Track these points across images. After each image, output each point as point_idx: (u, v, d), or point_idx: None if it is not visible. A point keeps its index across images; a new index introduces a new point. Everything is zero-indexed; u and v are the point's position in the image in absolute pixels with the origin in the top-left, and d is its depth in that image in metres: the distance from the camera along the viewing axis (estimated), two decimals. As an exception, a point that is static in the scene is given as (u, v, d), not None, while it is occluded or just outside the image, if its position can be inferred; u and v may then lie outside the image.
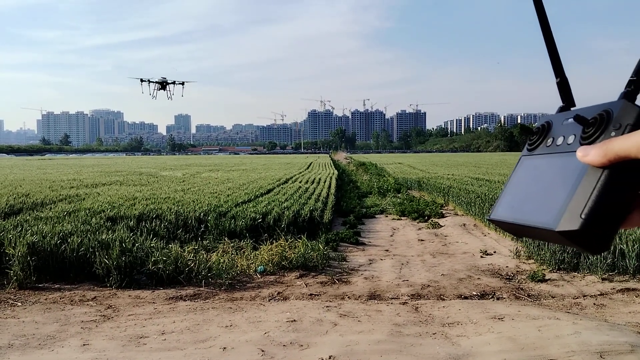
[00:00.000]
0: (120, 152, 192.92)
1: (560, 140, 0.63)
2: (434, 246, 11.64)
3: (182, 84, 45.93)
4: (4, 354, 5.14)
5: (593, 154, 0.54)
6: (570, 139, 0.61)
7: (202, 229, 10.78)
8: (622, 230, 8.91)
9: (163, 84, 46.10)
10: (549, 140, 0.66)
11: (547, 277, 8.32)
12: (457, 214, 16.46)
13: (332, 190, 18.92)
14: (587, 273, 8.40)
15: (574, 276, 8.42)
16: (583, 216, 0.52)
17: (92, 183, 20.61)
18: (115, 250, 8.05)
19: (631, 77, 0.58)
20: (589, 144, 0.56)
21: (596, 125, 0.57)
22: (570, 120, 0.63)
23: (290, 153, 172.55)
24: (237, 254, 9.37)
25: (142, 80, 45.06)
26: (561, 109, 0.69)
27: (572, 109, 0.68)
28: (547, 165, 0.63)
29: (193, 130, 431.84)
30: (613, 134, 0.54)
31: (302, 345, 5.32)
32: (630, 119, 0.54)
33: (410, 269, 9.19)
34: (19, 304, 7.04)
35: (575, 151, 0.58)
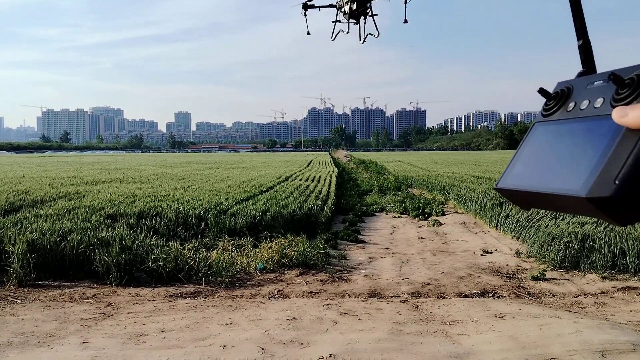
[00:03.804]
0: (120, 149, 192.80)
1: (585, 104, 0.59)
2: (434, 244, 11.62)
3: None
4: (3, 351, 5.12)
5: (633, 114, 0.50)
6: (598, 102, 0.57)
7: (202, 226, 10.75)
8: (624, 229, 8.89)
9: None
10: (570, 105, 0.62)
11: (547, 276, 8.30)
12: (458, 212, 16.45)
13: (332, 188, 18.90)
14: (588, 271, 8.39)
15: (574, 274, 8.40)
16: (617, 182, 0.48)
17: (92, 180, 20.59)
18: (115, 247, 8.03)
19: None
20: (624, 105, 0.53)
21: (633, 85, 0.53)
22: (597, 83, 0.60)
23: (290, 151, 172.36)
24: (237, 252, 9.35)
25: (306, 7, 10.08)
26: (581, 74, 0.65)
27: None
28: (570, 131, 0.59)
29: (193, 128, 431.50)
30: None
31: (302, 344, 5.31)
32: None
33: (410, 267, 9.17)
34: (19, 301, 7.02)
35: (604, 115, 0.54)
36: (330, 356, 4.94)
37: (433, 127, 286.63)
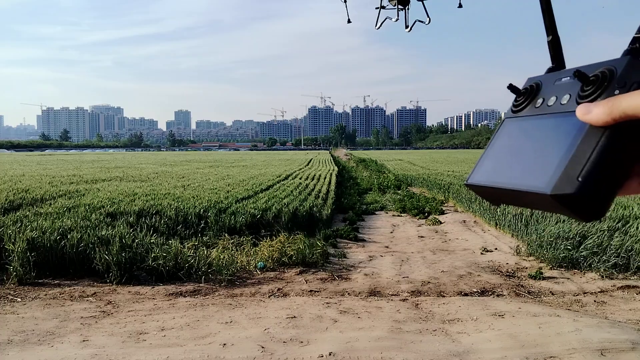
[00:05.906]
0: (120, 147, 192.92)
1: (552, 101, 0.59)
2: (434, 243, 11.62)
3: None
4: (3, 350, 5.12)
5: (596, 111, 0.50)
6: (565, 99, 0.57)
7: (202, 225, 10.76)
8: (624, 228, 8.89)
9: None
10: (538, 101, 0.62)
11: (547, 274, 8.31)
12: (458, 211, 16.45)
13: (332, 187, 18.90)
14: (588, 270, 8.39)
15: (574, 273, 8.41)
16: (580, 179, 0.48)
17: (92, 179, 20.59)
18: (115, 246, 8.03)
19: (636, 33, 0.53)
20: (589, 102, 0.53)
21: (597, 82, 0.53)
22: (564, 79, 0.60)
23: (290, 149, 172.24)
24: (237, 250, 9.35)
25: None
26: (550, 70, 0.65)
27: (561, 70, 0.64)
28: (537, 127, 0.59)
29: (193, 126, 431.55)
30: (617, 92, 0.50)
31: (302, 342, 5.31)
32: (637, 76, 0.50)
33: (410, 266, 9.17)
34: (19, 299, 7.02)
35: (570, 111, 0.54)
36: (330, 354, 4.95)
37: (433, 125, 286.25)
